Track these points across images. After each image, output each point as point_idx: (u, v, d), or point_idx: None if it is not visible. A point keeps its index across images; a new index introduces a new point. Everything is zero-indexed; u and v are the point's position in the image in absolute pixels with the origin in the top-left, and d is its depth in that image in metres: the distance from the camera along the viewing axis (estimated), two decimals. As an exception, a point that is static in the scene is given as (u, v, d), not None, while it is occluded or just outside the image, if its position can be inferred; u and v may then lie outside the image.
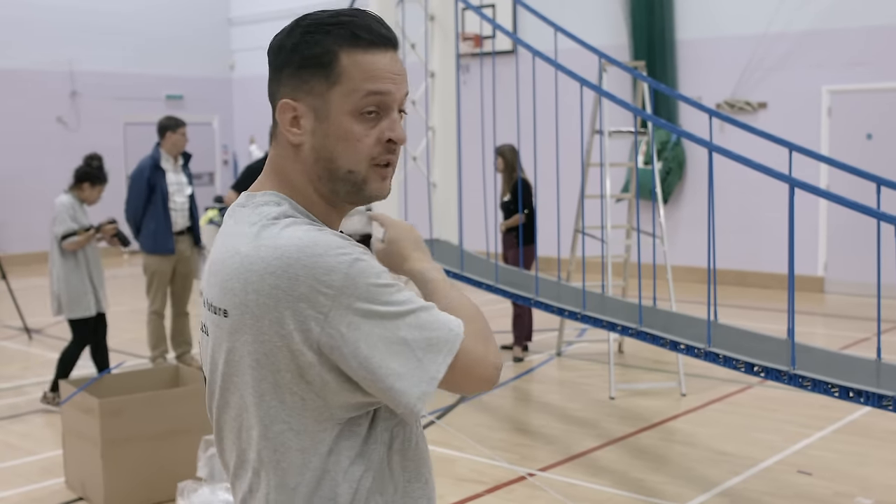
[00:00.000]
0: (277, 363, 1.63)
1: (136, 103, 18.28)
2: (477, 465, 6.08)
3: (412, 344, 1.62)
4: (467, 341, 1.68)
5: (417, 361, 1.62)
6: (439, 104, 9.05)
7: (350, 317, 1.59)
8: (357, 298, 1.60)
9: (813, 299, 12.02)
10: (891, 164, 11.68)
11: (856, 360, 5.28)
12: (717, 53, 13.31)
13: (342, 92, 1.70)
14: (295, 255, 1.60)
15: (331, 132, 1.71)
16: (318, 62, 1.70)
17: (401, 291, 1.65)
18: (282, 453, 1.69)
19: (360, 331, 1.60)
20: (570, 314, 6.47)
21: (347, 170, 1.73)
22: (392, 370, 1.61)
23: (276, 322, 1.61)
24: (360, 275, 1.60)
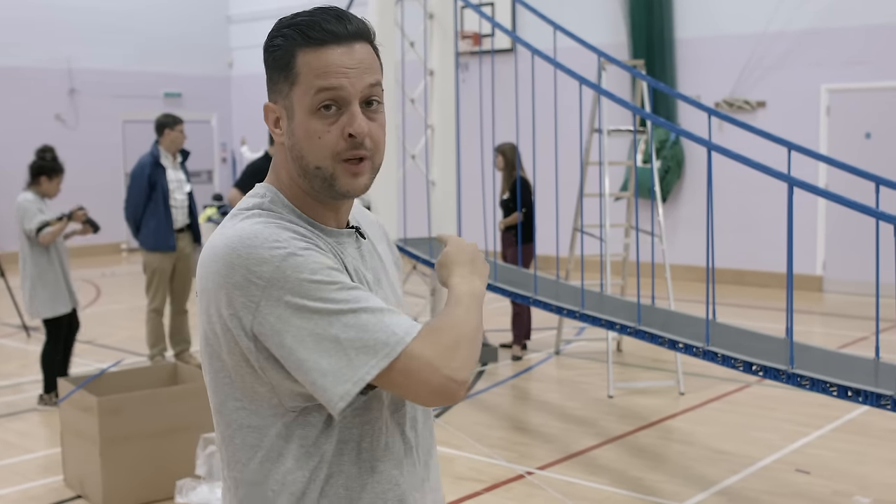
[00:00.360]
0: (223, 345, 1.72)
1: (135, 101, 18.28)
2: (475, 464, 6.09)
3: (344, 343, 1.63)
4: (416, 348, 1.64)
5: (348, 360, 1.63)
6: (438, 102, 9.05)
7: (280, 309, 1.63)
8: (287, 292, 1.63)
9: (811, 298, 12.02)
10: (889, 163, 11.69)
11: (854, 360, 5.28)
12: (716, 52, 13.32)
13: (300, 91, 1.75)
14: (236, 244, 1.67)
15: (297, 131, 1.77)
16: (281, 65, 1.77)
17: (345, 290, 1.66)
18: (234, 430, 1.77)
19: (288, 324, 1.63)
20: (569, 313, 6.47)
21: (315, 166, 1.76)
22: (317, 366, 1.63)
23: (217, 307, 1.69)
24: (292, 269, 1.64)
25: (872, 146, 12.11)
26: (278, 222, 1.74)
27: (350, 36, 1.75)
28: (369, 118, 1.77)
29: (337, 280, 1.67)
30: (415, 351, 1.64)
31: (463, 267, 1.88)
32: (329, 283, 1.65)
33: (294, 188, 1.82)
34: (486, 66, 13.41)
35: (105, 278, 14.87)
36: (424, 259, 8.07)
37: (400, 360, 1.63)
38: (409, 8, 9.75)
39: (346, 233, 1.87)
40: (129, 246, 17.85)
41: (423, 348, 1.65)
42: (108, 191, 17.62)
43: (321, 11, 1.77)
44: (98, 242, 17.59)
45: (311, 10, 1.78)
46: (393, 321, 1.66)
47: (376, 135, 1.78)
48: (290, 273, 1.64)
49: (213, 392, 1.79)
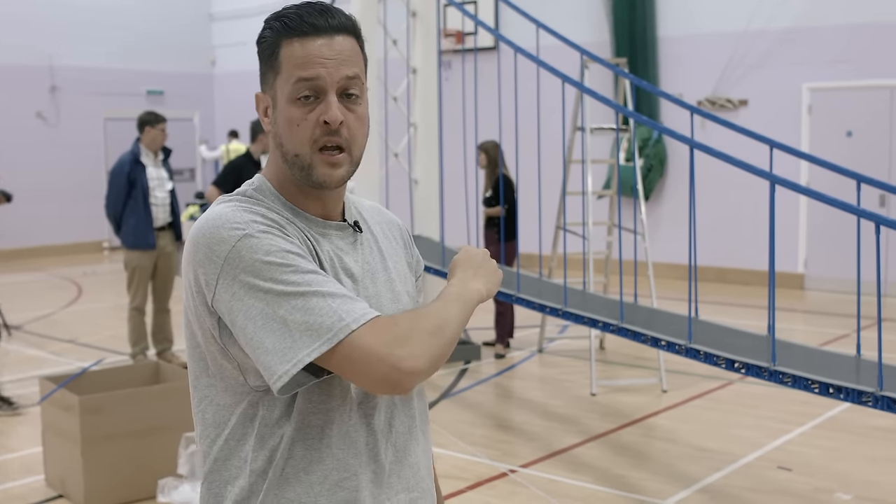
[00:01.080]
0: (195, 320, 1.79)
1: (117, 98, 18.20)
2: (458, 462, 6.09)
3: (291, 324, 1.67)
4: (362, 335, 1.66)
5: (291, 342, 1.66)
6: (421, 100, 9.05)
7: (234, 287, 1.70)
8: (242, 271, 1.69)
9: (793, 296, 12.07)
10: (871, 161, 11.75)
11: (836, 357, 5.30)
12: (698, 50, 13.35)
13: (282, 80, 1.82)
14: (202, 224, 1.76)
15: (279, 119, 1.84)
16: (267, 55, 1.85)
17: (299, 273, 1.70)
18: (206, 405, 1.84)
19: (241, 302, 1.69)
20: (552, 311, 6.47)
21: (294, 154, 1.82)
22: (262, 344, 1.67)
23: (189, 283, 1.78)
24: (247, 249, 1.70)
25: (854, 144, 12.17)
26: (248, 207, 1.80)
27: (332, 28, 1.81)
28: (348, 109, 1.82)
29: (291, 263, 1.70)
30: (360, 338, 1.66)
31: (465, 271, 1.93)
32: (282, 265, 1.69)
33: (281, 175, 1.87)
34: (469, 64, 13.41)
35: (87, 277, 14.81)
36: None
37: (343, 346, 1.66)
38: (392, 6, 9.73)
39: (335, 225, 1.89)
40: (111, 244, 17.78)
41: (370, 336, 1.66)
42: (90, 189, 17.55)
43: (307, 5, 1.84)
44: (80, 241, 17.54)
45: (299, 5, 1.85)
46: (344, 307, 1.68)
47: (353, 126, 1.82)
48: (244, 253, 1.70)
49: (190, 369, 1.87)
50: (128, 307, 8.39)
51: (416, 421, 1.96)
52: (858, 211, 4.70)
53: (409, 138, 9.22)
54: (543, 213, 9.85)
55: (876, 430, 6.59)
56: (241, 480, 1.80)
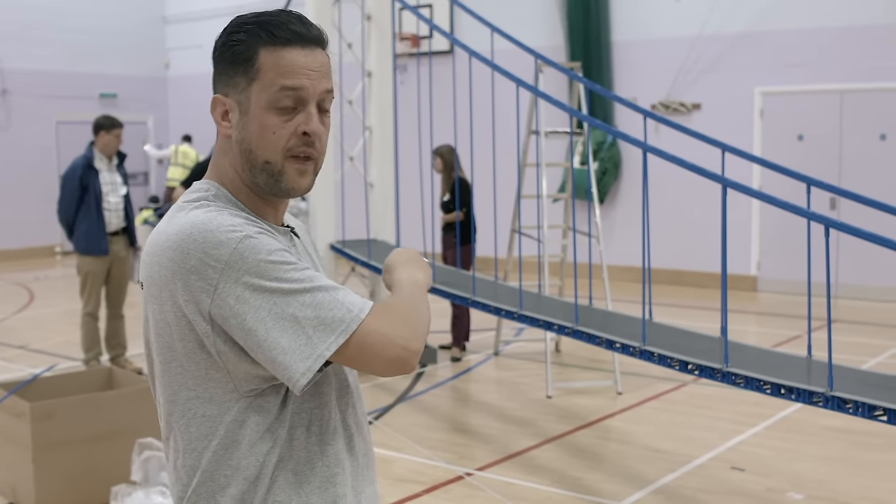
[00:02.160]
0: (177, 332, 1.75)
1: (69, 102, 18.01)
2: (415, 466, 6.08)
3: (303, 321, 1.69)
4: (371, 323, 1.72)
5: (307, 338, 1.69)
6: (376, 104, 9.04)
7: (239, 290, 1.68)
8: (245, 273, 1.68)
9: (746, 298, 12.19)
10: (821, 164, 11.90)
11: (787, 358, 5.36)
12: (652, 55, 13.45)
13: (260, 87, 1.80)
14: (189, 231, 1.71)
15: (250, 125, 1.81)
16: (240, 59, 1.81)
17: (299, 270, 1.72)
18: (189, 419, 1.80)
19: (247, 304, 1.68)
20: (507, 314, 6.49)
21: (264, 160, 1.81)
22: (277, 344, 1.68)
23: (172, 293, 1.72)
24: (249, 250, 1.69)
25: (805, 148, 12.31)
26: (229, 209, 1.80)
27: (312, 40, 1.83)
28: (320, 122, 1.84)
29: (290, 261, 1.72)
30: (370, 326, 1.71)
31: (403, 265, 1.97)
32: (284, 264, 1.71)
33: (237, 183, 1.86)
34: (425, 67, 13.43)
35: (38, 282, 14.63)
36: (363, 261, 8.05)
37: (356, 335, 1.70)
38: (347, 9, 9.72)
39: (283, 230, 1.92)
40: (63, 249, 17.58)
41: (377, 323, 1.72)
42: (42, 193, 17.36)
43: (285, 13, 1.84)
44: (31, 246, 17.33)
45: (275, 11, 1.86)
46: (347, 299, 1.73)
47: (323, 138, 1.86)
48: (247, 254, 1.69)
49: (164, 384, 1.81)
50: (81, 313, 8.30)
51: (364, 412, 2.02)
52: (808, 214, 4.76)
53: (364, 142, 9.21)
54: (499, 216, 9.87)
55: (827, 430, 6.67)
56: (233, 489, 1.79)
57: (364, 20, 9.00)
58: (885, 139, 11.87)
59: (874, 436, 6.44)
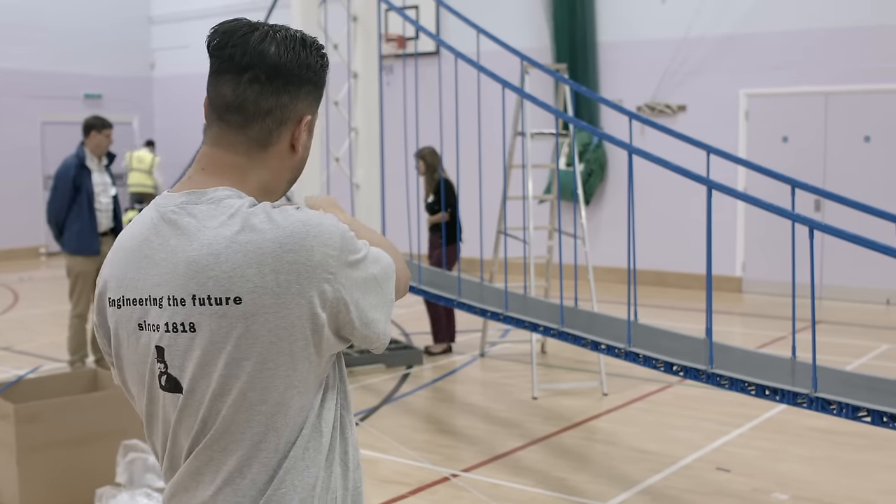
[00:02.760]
0: (297, 333, 1.77)
1: (54, 102, 17.93)
2: (401, 467, 6.08)
3: (378, 277, 1.87)
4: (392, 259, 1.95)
5: (380, 290, 1.87)
6: (362, 105, 9.03)
7: (346, 269, 1.80)
8: (348, 252, 1.81)
9: (731, 299, 12.22)
10: (806, 166, 11.94)
11: (772, 359, 5.38)
12: (637, 57, 13.48)
13: (317, 111, 1.97)
14: (303, 229, 1.77)
15: (309, 143, 1.97)
16: (321, 84, 1.95)
17: (355, 236, 1.87)
18: (291, 415, 1.82)
19: (350, 279, 1.81)
20: (493, 315, 6.50)
21: (297, 177, 2.00)
22: (370, 303, 1.85)
23: (299, 294, 1.75)
24: (345, 231, 1.83)
25: (790, 150, 12.36)
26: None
27: None
28: None
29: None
30: (393, 262, 1.95)
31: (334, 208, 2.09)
32: (353, 234, 1.86)
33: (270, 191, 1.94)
34: (410, 68, 13.43)
35: (23, 283, 14.57)
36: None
37: (394, 272, 1.94)
38: (333, 10, 9.71)
39: None
40: (48, 250, 17.51)
41: (393, 259, 1.97)
42: (27, 194, 17.30)
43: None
44: (15, 247, 17.25)
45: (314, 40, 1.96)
46: (377, 248, 1.93)
47: None
48: (346, 235, 1.82)
49: (262, 391, 1.78)
50: (69, 314, 8.26)
51: None
52: (793, 216, 4.78)
53: (349, 143, 9.20)
54: (484, 217, 9.88)
55: (812, 431, 6.70)
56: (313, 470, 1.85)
57: (350, 21, 9.00)
58: (870, 141, 11.92)
59: (858, 436, 6.47)
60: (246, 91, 1.84)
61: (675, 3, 13.09)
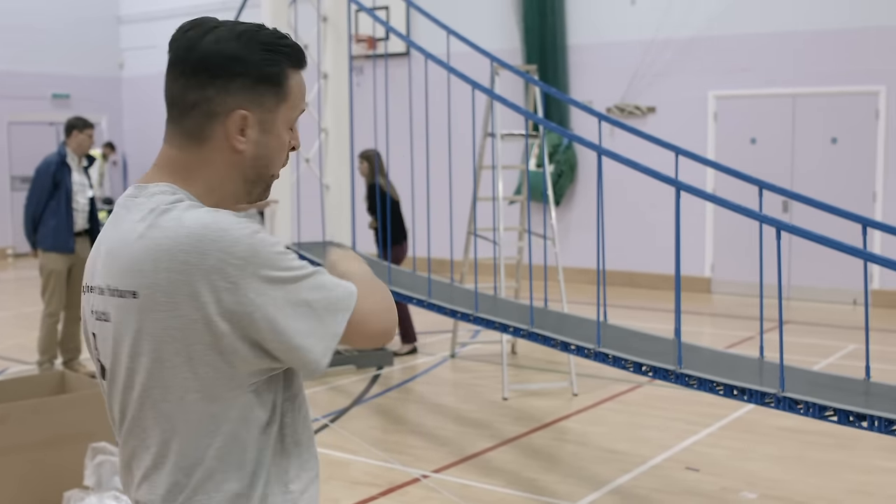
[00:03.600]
0: (191, 336, 1.74)
1: (21, 102, 17.76)
2: (371, 468, 6.07)
3: (314, 304, 1.77)
4: (362, 298, 1.84)
5: (319, 320, 1.77)
6: (332, 106, 9.02)
7: (257, 284, 1.72)
8: (261, 266, 1.72)
9: (700, 299, 12.29)
10: (774, 167, 12.03)
11: (740, 359, 5.42)
12: (607, 59, 13.53)
13: (287, 108, 1.90)
14: (201, 231, 1.72)
15: (272, 142, 1.90)
16: (273, 80, 1.87)
17: (296, 258, 1.79)
18: (195, 418, 1.79)
19: (267, 296, 1.72)
20: (463, 316, 6.50)
21: (271, 174, 1.93)
22: (298, 330, 1.75)
23: (189, 296, 1.72)
24: (261, 244, 1.74)
25: (758, 151, 12.44)
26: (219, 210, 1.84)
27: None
28: None
29: (289, 250, 1.80)
30: (363, 301, 1.85)
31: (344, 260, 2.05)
32: (287, 253, 1.78)
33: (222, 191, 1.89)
34: (381, 69, 13.42)
35: (-11, 284, 14.45)
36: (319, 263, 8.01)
37: (356, 312, 1.82)
38: (303, 10, 9.68)
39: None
40: (15, 251, 17.36)
41: (366, 299, 1.86)
42: (-7, 194, 17.13)
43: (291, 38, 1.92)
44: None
45: (286, 34, 1.91)
46: (336, 279, 1.84)
47: None
48: (260, 248, 1.73)
49: (170, 388, 1.79)
50: (42, 314, 8.18)
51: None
52: (760, 217, 4.81)
53: (319, 144, 9.18)
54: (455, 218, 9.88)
55: (780, 430, 6.74)
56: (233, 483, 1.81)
57: (320, 22, 8.98)
58: (836, 143, 12.02)
59: (825, 435, 6.52)
60: (175, 84, 1.87)
61: (645, 5, 13.15)
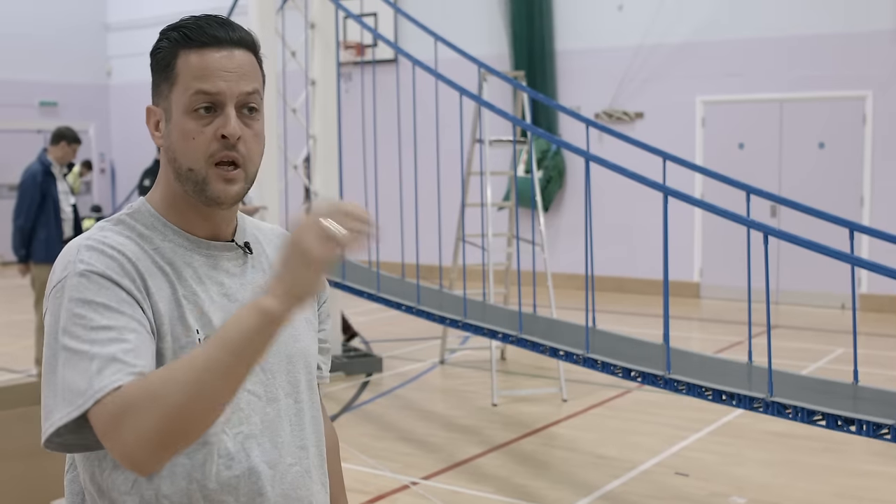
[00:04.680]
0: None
1: (8, 110, 17.70)
2: (360, 475, 6.06)
3: (59, 378, 1.62)
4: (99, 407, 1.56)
5: (54, 400, 1.62)
6: (320, 112, 9.01)
7: (49, 317, 1.68)
8: (59, 305, 1.67)
9: (689, 304, 12.31)
10: (762, 172, 12.07)
11: (728, 364, 5.42)
12: (595, 64, 13.55)
13: (178, 91, 1.75)
14: (66, 247, 1.75)
15: (173, 132, 1.77)
16: (162, 66, 1.78)
17: (96, 330, 1.61)
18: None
19: (48, 333, 1.67)
20: (452, 322, 6.50)
21: (188, 168, 1.75)
22: (42, 391, 1.67)
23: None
24: (72, 287, 1.66)
25: (745, 156, 12.47)
26: (126, 232, 1.77)
27: (232, 42, 1.76)
28: (245, 125, 1.76)
29: (95, 321, 1.62)
30: (108, 406, 1.55)
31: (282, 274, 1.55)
32: (85, 318, 1.62)
33: (170, 192, 1.81)
34: (369, 76, 13.42)
35: (-23, 293, 14.38)
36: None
37: (92, 413, 1.56)
38: (291, 17, 9.68)
39: (221, 245, 1.84)
40: (2, 259, 17.29)
41: (99, 410, 1.55)
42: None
43: (206, 18, 1.78)
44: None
45: (198, 16, 1.79)
46: (104, 372, 1.56)
47: (250, 142, 1.77)
48: (67, 289, 1.66)
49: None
50: (36, 325, 8.09)
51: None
52: (748, 222, 4.82)
53: (308, 150, 9.18)
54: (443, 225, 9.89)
55: (769, 435, 6.75)
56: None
57: (308, 28, 8.98)
58: (824, 147, 12.06)
59: (814, 440, 6.53)
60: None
61: (632, 10, 13.18)
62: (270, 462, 1.78)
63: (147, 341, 1.65)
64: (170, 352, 1.70)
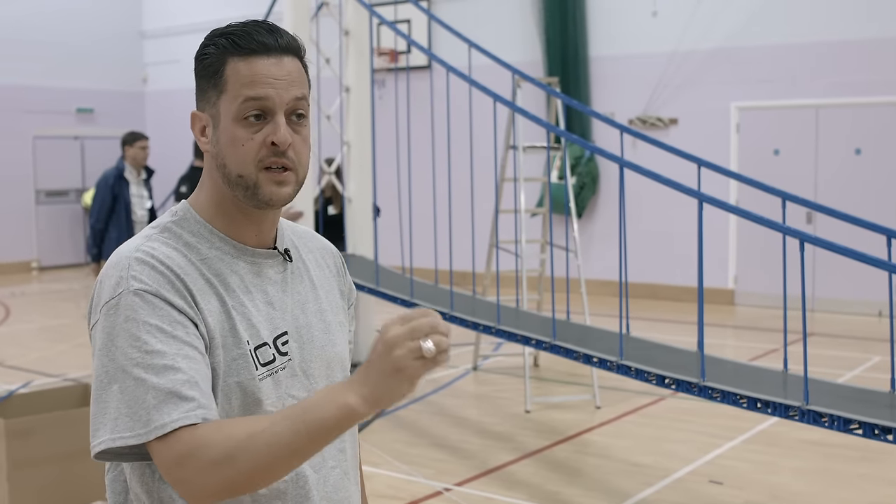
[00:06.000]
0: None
1: (46, 116, 17.88)
2: (394, 481, 6.07)
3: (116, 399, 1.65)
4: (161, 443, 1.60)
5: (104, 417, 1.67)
6: (354, 119, 9.04)
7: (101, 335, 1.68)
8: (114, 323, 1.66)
9: (723, 311, 12.23)
10: (797, 179, 11.98)
11: (763, 372, 5.39)
12: (629, 70, 13.51)
13: (227, 99, 1.76)
14: (111, 260, 1.75)
15: (222, 138, 1.78)
16: (210, 73, 1.79)
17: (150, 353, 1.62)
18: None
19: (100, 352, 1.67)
20: (485, 328, 6.50)
21: (237, 174, 1.77)
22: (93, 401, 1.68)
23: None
24: (127, 307, 1.66)
25: (781, 163, 12.39)
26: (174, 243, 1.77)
27: (280, 49, 1.77)
28: (294, 131, 1.78)
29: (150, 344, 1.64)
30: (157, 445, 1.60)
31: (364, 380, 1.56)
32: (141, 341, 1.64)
33: (218, 198, 1.81)
34: (402, 82, 13.45)
35: (15, 297, 14.52)
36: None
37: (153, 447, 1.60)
38: (325, 24, 9.73)
39: (266, 253, 1.86)
40: (40, 264, 17.47)
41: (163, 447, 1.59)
42: (19, 209, 17.25)
43: (254, 24, 1.79)
44: (7, 261, 17.21)
45: (245, 22, 1.80)
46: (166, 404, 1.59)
47: (299, 148, 1.79)
48: (122, 308, 1.66)
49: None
50: None
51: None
52: (784, 228, 4.79)
53: (342, 156, 9.21)
54: (477, 231, 9.90)
55: (804, 444, 6.70)
56: None
57: (342, 35, 9.01)
58: (860, 154, 11.96)
59: (850, 448, 6.47)
60: None
61: (666, 17, 13.13)
62: (315, 466, 1.82)
63: (202, 367, 1.67)
64: (222, 366, 1.72)
